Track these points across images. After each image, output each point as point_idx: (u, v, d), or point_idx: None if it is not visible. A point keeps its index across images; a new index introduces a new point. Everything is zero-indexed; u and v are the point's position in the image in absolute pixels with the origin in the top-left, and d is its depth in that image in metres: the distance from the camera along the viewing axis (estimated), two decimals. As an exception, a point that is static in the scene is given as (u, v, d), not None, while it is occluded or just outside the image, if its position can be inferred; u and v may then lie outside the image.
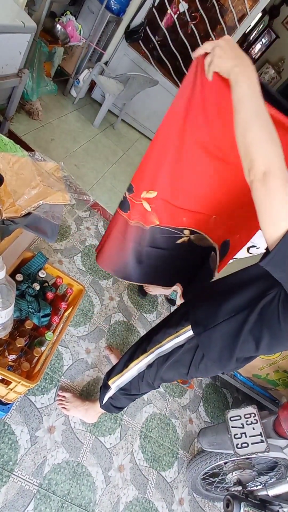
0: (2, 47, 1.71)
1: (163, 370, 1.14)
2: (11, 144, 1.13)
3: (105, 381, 1.34)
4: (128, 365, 1.24)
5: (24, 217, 1.01)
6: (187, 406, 2.04)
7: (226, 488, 1.60)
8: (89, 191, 2.61)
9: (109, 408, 1.38)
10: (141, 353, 1.19)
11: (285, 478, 1.39)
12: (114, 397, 1.33)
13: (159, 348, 1.13)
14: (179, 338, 1.08)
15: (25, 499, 1.23)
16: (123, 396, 1.30)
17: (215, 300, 1.03)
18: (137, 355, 1.21)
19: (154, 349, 1.15)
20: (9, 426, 1.32)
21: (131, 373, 1.23)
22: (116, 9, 3.04)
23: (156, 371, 1.16)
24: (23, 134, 2.53)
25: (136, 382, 1.23)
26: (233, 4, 3.34)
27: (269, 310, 0.89)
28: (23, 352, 1.17)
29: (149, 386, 1.23)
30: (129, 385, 1.26)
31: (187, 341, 1.06)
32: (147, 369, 1.19)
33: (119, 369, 1.28)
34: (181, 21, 3.43)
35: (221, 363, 1.01)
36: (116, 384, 1.28)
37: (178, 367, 1.10)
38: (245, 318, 0.93)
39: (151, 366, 1.17)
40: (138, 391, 1.27)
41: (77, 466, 1.41)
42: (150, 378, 1.19)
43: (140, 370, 1.21)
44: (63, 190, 1.12)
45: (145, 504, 1.54)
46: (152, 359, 1.17)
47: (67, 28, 2.77)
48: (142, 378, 1.21)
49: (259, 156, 0.65)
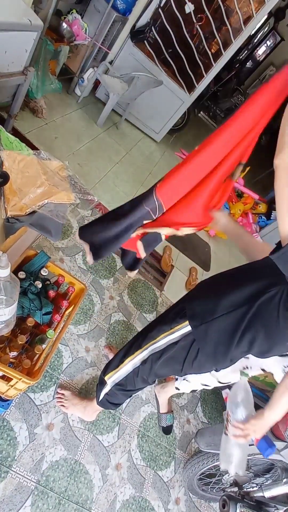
0: (9, 45, 1.72)
1: (157, 366, 1.16)
2: (17, 143, 1.13)
3: (101, 377, 1.36)
4: (123, 361, 1.26)
5: (29, 216, 1.02)
6: (185, 407, 2.05)
7: (222, 488, 1.61)
8: (91, 190, 2.61)
9: (106, 404, 1.39)
10: (136, 349, 1.21)
11: (281, 480, 1.40)
12: (110, 393, 1.34)
13: (154, 344, 1.15)
14: (174, 335, 1.09)
15: (23, 495, 1.24)
16: (119, 391, 1.32)
17: (214, 294, 1.04)
18: (132, 351, 1.23)
19: (149, 345, 1.17)
20: (8, 422, 1.33)
21: (126, 368, 1.25)
22: (122, 9, 3.04)
23: (150, 367, 1.18)
24: (27, 132, 2.53)
25: (131, 377, 1.26)
26: (238, 6, 3.34)
27: (268, 308, 0.90)
28: (24, 349, 1.18)
29: (144, 381, 1.25)
30: (125, 380, 1.28)
31: (182, 338, 1.08)
32: (141, 365, 1.21)
33: (114, 365, 1.30)
34: (187, 22, 3.43)
35: (215, 358, 1.03)
36: (112, 379, 1.30)
37: (172, 363, 1.12)
38: (243, 314, 0.94)
39: (145, 362, 1.19)
40: (134, 387, 1.29)
41: (75, 463, 1.42)
42: (144, 374, 1.21)
43: (135, 366, 1.23)
44: (67, 189, 1.12)
45: (141, 503, 1.55)
46: (146, 355, 1.18)
47: (73, 26, 2.77)
48: (137, 374, 1.23)
49: None
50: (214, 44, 3.75)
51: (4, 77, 1.82)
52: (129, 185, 3.08)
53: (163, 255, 2.72)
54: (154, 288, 2.46)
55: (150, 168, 3.64)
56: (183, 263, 2.91)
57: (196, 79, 3.66)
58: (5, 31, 1.63)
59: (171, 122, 4.03)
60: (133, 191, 3.04)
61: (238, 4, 3.34)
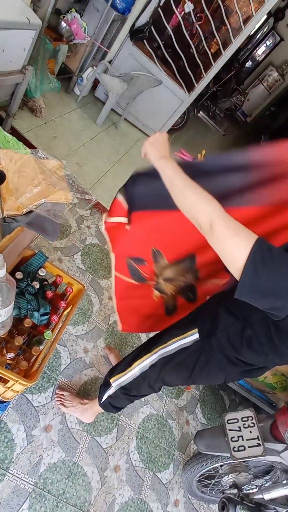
0: (6, 43, 1.71)
1: (166, 372, 1.14)
2: (14, 141, 1.12)
3: (107, 379, 1.34)
4: (131, 364, 1.24)
5: (25, 215, 1.01)
6: (184, 408, 2.04)
7: (221, 490, 1.60)
8: (90, 190, 2.60)
9: (107, 407, 1.38)
10: (146, 353, 1.20)
11: (281, 482, 1.39)
12: (113, 396, 1.33)
13: (164, 349, 1.13)
14: (186, 340, 1.08)
15: (20, 498, 1.23)
16: (122, 395, 1.30)
17: (218, 308, 1.04)
18: (141, 355, 1.21)
19: (159, 349, 1.15)
20: (5, 424, 1.32)
21: (133, 372, 1.23)
22: (121, 8, 3.03)
23: (158, 372, 1.15)
24: (25, 131, 2.52)
25: (137, 382, 1.23)
26: (238, 5, 3.33)
27: (262, 324, 0.90)
28: (21, 350, 1.17)
29: (149, 388, 1.23)
30: (130, 384, 1.26)
31: (193, 343, 1.06)
32: (150, 368, 1.18)
33: (122, 368, 1.28)
34: (186, 21, 3.41)
35: (224, 368, 1.02)
36: (118, 382, 1.28)
37: (181, 370, 1.09)
38: (242, 328, 0.94)
39: (154, 366, 1.17)
40: (138, 392, 1.27)
41: (73, 465, 1.41)
42: (152, 379, 1.19)
43: (142, 370, 1.21)
44: (65, 188, 1.11)
45: (140, 505, 1.53)
46: (155, 359, 1.16)
47: (72, 25, 2.76)
48: (144, 378, 1.21)
49: (200, 214, 0.75)
50: (214, 44, 3.74)
51: (2, 76, 1.81)
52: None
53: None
54: (153, 288, 2.45)
55: (149, 168, 3.63)
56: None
57: (195, 79, 3.65)
58: (3, 29, 1.62)
59: (171, 122, 4.01)
60: (132, 191, 3.02)
61: (237, 4, 3.32)
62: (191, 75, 3.62)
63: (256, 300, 0.73)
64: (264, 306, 0.74)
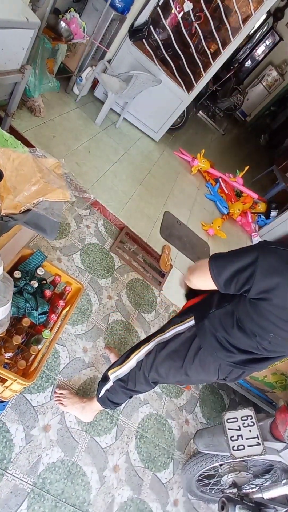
0: (5, 43, 1.70)
1: (160, 359, 1.18)
2: (12, 140, 1.12)
3: (105, 374, 1.37)
4: (129, 356, 1.28)
5: (23, 214, 1.00)
6: (183, 407, 2.03)
7: (221, 490, 1.59)
8: (89, 189, 2.60)
9: (105, 401, 1.38)
10: (144, 343, 1.26)
11: (280, 481, 1.38)
12: (111, 389, 1.34)
13: (161, 336, 1.20)
14: (182, 326, 1.16)
15: (19, 498, 1.22)
16: (119, 388, 1.31)
17: (213, 295, 1.13)
18: (139, 346, 1.27)
19: (157, 337, 1.22)
20: (4, 424, 1.31)
21: (130, 363, 1.27)
22: (120, 7, 3.02)
23: (153, 359, 1.20)
24: (24, 131, 2.52)
25: (134, 373, 1.27)
26: (237, 5, 3.32)
27: (244, 304, 0.99)
28: (19, 350, 1.16)
29: (145, 379, 1.25)
30: (127, 376, 1.29)
31: (189, 329, 1.13)
32: (145, 357, 1.23)
33: (120, 361, 1.33)
34: (185, 21, 3.41)
35: (216, 354, 1.06)
36: (115, 375, 1.31)
37: (174, 358, 1.14)
38: (232, 311, 1.02)
39: (149, 354, 1.22)
40: (134, 385, 1.28)
41: (72, 465, 1.41)
42: (146, 368, 1.22)
43: (139, 359, 1.25)
44: (63, 187, 1.11)
45: (139, 505, 1.53)
46: (151, 346, 1.22)
47: (71, 25, 2.75)
48: (139, 368, 1.25)
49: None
50: (213, 43, 3.74)
51: (1, 75, 1.80)
52: (128, 184, 3.07)
53: (162, 255, 2.70)
54: (152, 287, 2.45)
55: (149, 167, 3.62)
56: (182, 262, 2.89)
57: (195, 78, 3.65)
58: (1, 28, 1.61)
59: (170, 121, 4.01)
60: (132, 191, 3.02)
61: (237, 3, 3.32)
62: (191, 74, 3.62)
63: (219, 273, 0.94)
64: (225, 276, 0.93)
